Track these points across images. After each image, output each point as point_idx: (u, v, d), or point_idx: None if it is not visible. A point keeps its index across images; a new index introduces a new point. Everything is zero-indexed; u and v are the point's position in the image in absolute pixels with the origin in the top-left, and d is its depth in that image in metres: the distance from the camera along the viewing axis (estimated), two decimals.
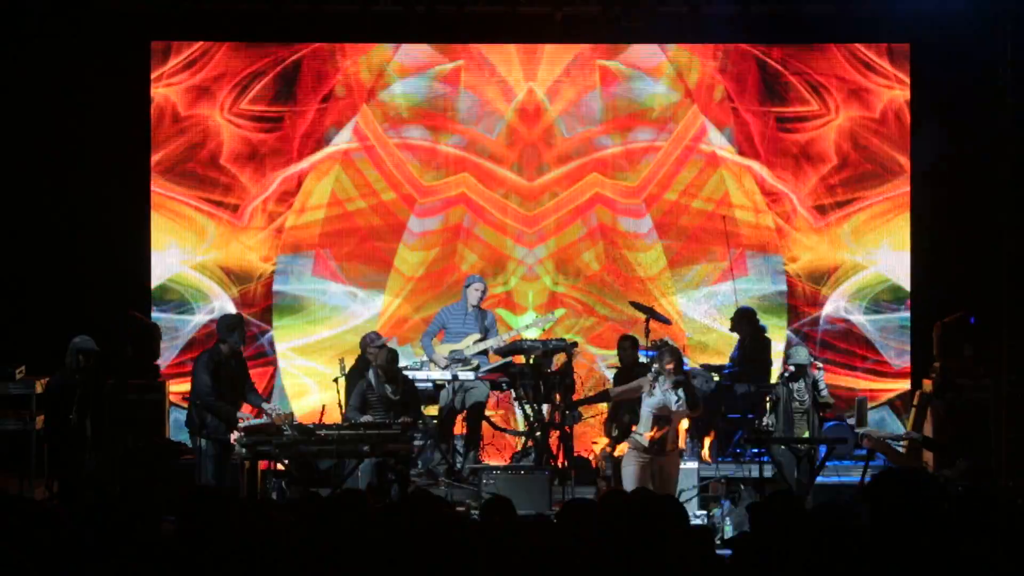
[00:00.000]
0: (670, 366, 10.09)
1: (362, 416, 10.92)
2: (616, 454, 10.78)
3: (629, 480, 9.99)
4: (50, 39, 12.79)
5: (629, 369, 11.80)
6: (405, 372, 11.55)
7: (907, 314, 13.53)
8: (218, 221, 13.50)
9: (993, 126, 12.77)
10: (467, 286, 12.43)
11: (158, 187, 13.43)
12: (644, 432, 10.09)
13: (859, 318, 13.60)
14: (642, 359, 11.81)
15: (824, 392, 10.93)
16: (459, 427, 12.18)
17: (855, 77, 13.55)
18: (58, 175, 12.93)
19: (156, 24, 13.17)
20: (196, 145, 13.44)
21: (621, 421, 10.96)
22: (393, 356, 11.21)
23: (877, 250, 13.62)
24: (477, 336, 12.23)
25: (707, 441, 11.73)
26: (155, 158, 13.39)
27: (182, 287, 13.49)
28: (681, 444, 10.55)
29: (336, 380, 11.92)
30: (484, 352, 12.24)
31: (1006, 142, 12.63)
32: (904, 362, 13.51)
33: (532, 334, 12.66)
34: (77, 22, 12.84)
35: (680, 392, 10.04)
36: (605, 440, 11.25)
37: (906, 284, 13.57)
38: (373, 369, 11.23)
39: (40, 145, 12.90)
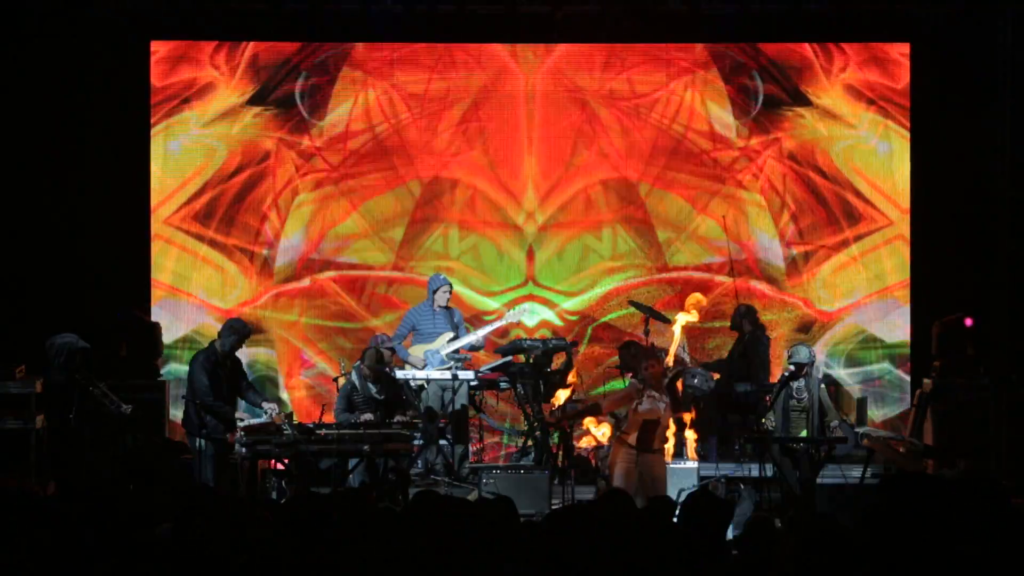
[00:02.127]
0: (653, 369, 10.00)
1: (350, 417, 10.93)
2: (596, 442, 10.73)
3: (618, 479, 9.91)
4: (50, 39, 12.79)
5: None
6: (395, 372, 11.59)
7: (886, 364, 13.42)
8: (248, 274, 13.53)
9: (993, 126, 12.81)
10: (434, 290, 12.27)
11: (184, 229, 13.47)
12: (631, 435, 9.96)
13: (839, 372, 13.45)
14: None
15: (832, 422, 10.85)
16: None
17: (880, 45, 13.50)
18: (58, 175, 12.93)
19: (156, 24, 13.18)
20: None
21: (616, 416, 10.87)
22: (380, 357, 11.24)
23: (850, 299, 13.51)
24: (450, 335, 12.19)
25: (692, 437, 11.51)
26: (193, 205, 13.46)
27: (208, 339, 13.45)
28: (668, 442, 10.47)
29: (336, 380, 11.94)
30: (457, 350, 12.19)
31: (1005, 143, 12.68)
32: (886, 414, 13.32)
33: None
34: (77, 22, 12.84)
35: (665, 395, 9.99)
36: (591, 426, 11.10)
37: (884, 334, 13.43)
38: (357, 370, 11.23)
39: (40, 145, 12.89)
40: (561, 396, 11.48)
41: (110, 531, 5.35)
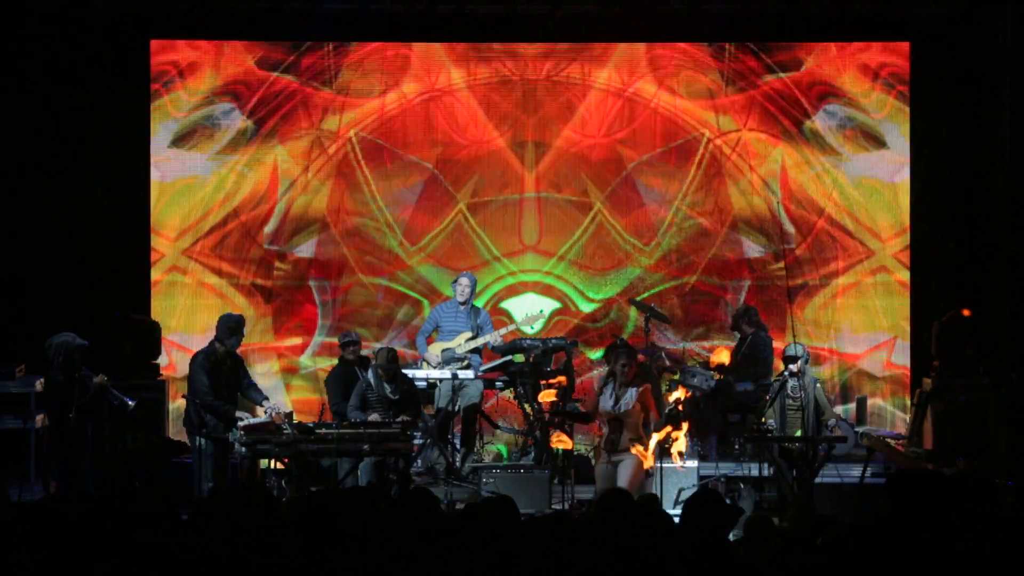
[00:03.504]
0: (621, 366, 9.84)
1: (362, 415, 10.92)
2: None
3: (597, 480, 9.96)
4: (50, 39, 12.80)
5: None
6: (403, 371, 11.58)
7: (877, 399, 13.38)
8: (257, 307, 13.52)
9: (993, 126, 12.80)
10: (454, 282, 12.41)
11: (200, 262, 13.47)
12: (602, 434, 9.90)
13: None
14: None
15: (829, 420, 10.85)
16: (457, 426, 12.18)
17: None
18: (58, 175, 12.93)
19: (156, 24, 13.19)
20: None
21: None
22: (392, 355, 11.22)
23: (839, 334, 13.47)
24: (469, 334, 12.20)
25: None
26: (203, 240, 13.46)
27: None
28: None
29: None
30: (477, 350, 12.20)
31: (1005, 142, 12.67)
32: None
33: (527, 330, 12.69)
34: (77, 22, 12.85)
35: (631, 392, 9.79)
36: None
37: (871, 367, 13.40)
38: (372, 369, 11.23)
39: (40, 145, 12.90)
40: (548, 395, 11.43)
41: (110, 531, 5.35)
